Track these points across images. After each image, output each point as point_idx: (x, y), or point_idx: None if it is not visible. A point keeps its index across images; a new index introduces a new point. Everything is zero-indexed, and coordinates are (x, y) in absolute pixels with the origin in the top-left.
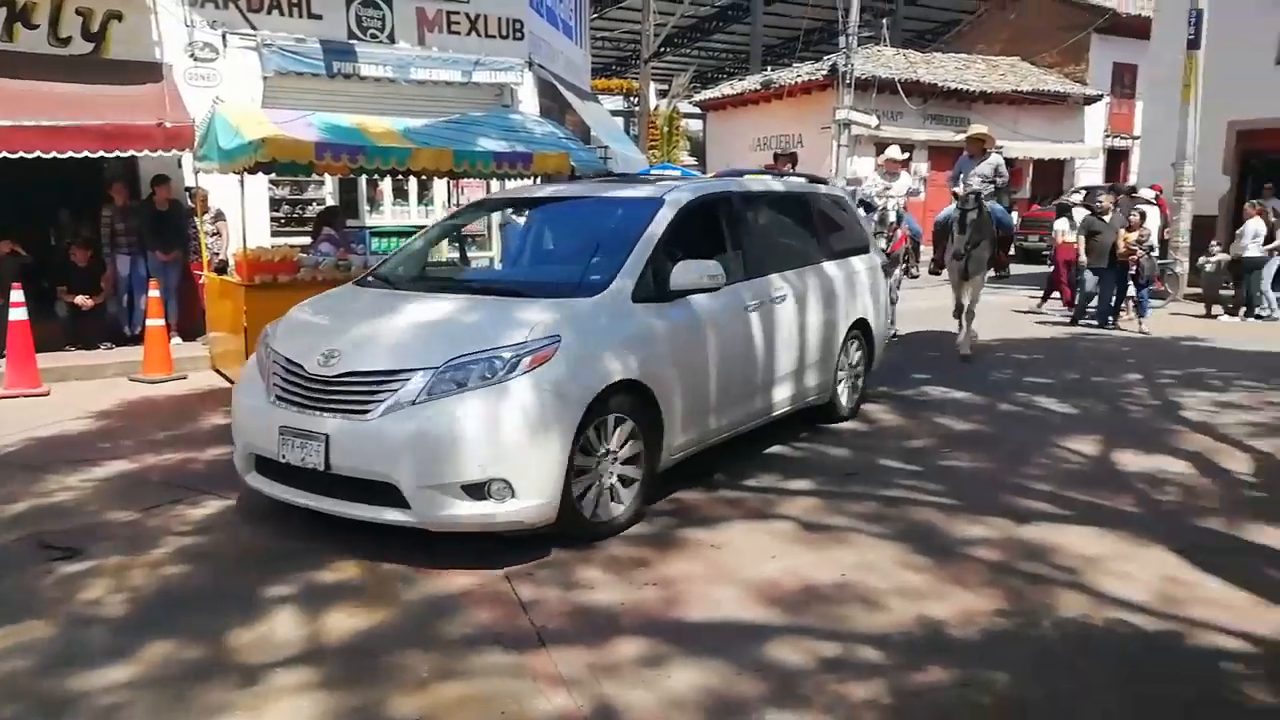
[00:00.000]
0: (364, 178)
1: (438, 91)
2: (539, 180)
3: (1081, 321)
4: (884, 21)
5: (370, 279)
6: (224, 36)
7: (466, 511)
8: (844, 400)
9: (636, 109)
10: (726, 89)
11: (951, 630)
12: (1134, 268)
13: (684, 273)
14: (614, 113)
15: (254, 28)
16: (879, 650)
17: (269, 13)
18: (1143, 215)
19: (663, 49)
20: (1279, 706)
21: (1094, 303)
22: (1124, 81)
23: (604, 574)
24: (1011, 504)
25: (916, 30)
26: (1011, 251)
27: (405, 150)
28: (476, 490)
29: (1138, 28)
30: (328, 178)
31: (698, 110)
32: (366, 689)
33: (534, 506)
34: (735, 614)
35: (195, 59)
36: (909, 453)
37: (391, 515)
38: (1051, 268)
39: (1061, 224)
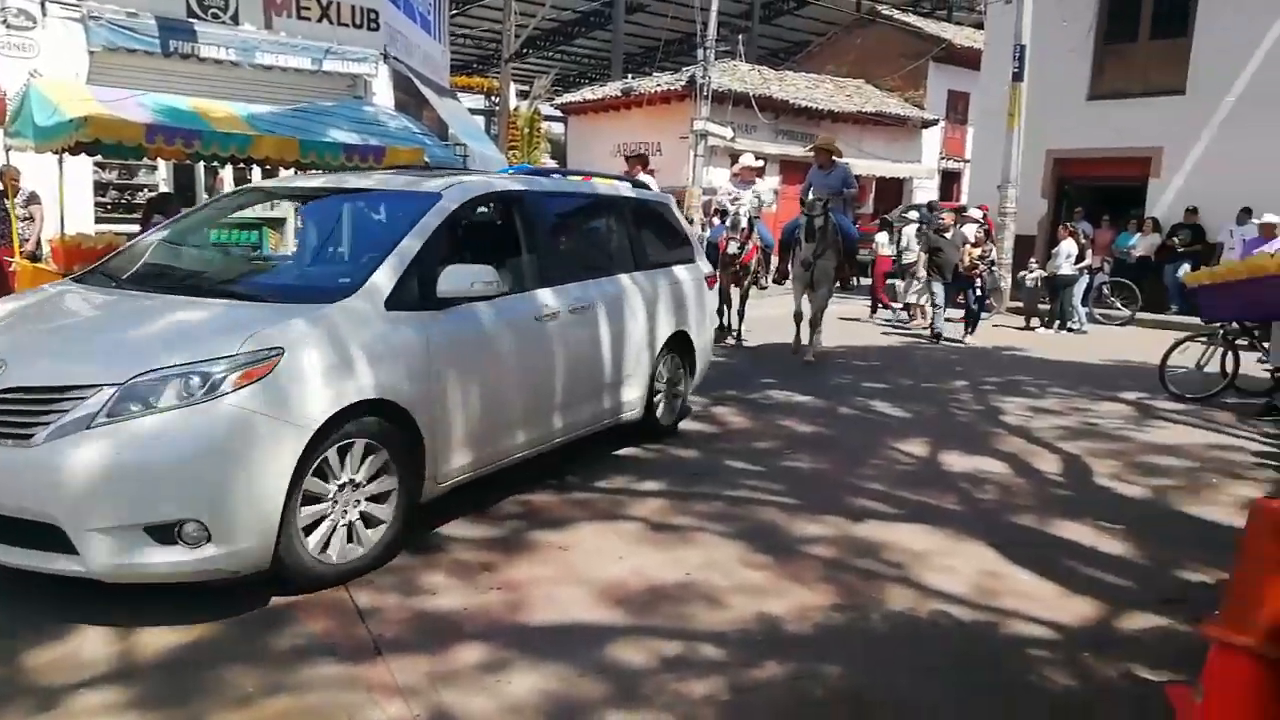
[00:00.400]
0: (202, 165)
1: (285, 78)
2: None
3: (944, 336)
4: (740, 38)
5: (93, 274)
6: (43, 4)
7: (151, 559)
8: (662, 415)
9: (497, 108)
10: (588, 94)
11: (788, 626)
12: (978, 281)
13: (453, 278)
14: (474, 111)
15: None
16: (719, 648)
17: None
18: (964, 236)
19: (525, 50)
20: (1078, 690)
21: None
22: (957, 108)
23: (448, 579)
24: (847, 503)
25: (770, 48)
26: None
27: (246, 137)
28: (163, 533)
29: (970, 58)
30: (161, 163)
31: (559, 113)
32: (183, 708)
33: (238, 552)
34: (580, 616)
35: (8, 27)
36: (754, 454)
37: (61, 564)
38: (870, 280)
39: (881, 237)
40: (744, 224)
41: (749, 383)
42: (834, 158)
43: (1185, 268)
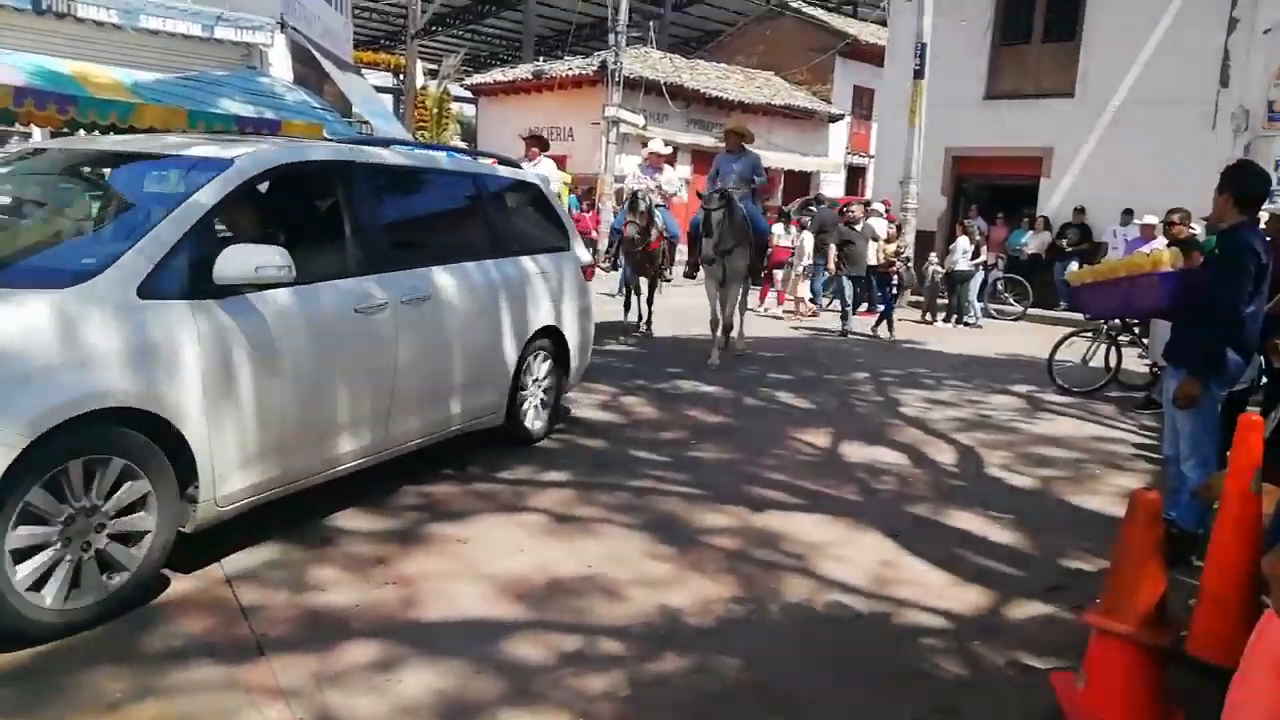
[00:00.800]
0: (81, 133)
1: (174, 44)
2: None
3: (849, 330)
4: (652, 24)
5: None
6: None
7: None
8: (530, 421)
9: (405, 87)
10: (499, 75)
11: (689, 618)
12: (895, 277)
13: (232, 261)
14: (381, 89)
15: None
16: (619, 641)
17: None
18: (873, 230)
19: (434, 28)
20: (966, 676)
21: (854, 308)
22: (863, 103)
23: (339, 573)
24: (750, 493)
25: (682, 36)
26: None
27: (129, 105)
28: None
29: (876, 54)
30: (36, 131)
31: (470, 95)
32: (39, 716)
33: None
34: (477, 611)
35: None
36: (660, 444)
37: None
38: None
39: (778, 228)
40: (642, 207)
41: (657, 372)
42: (744, 144)
43: (1073, 266)
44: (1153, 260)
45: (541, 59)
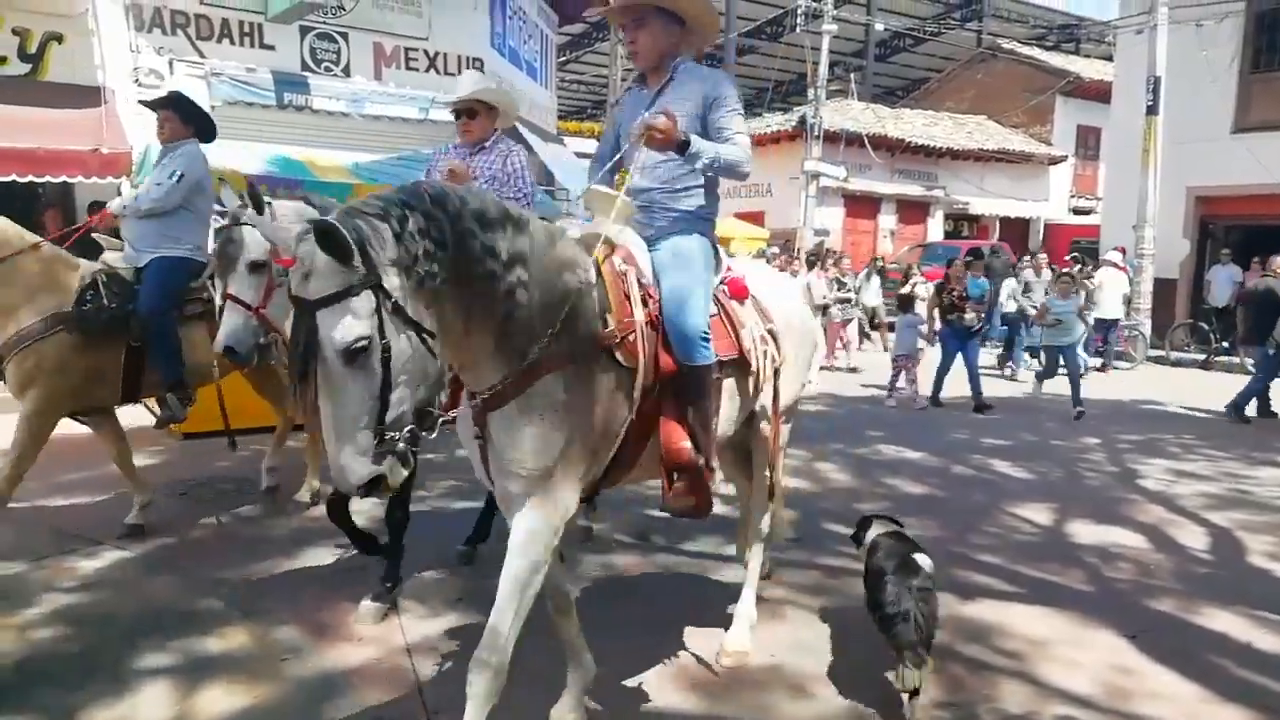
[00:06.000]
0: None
1: (394, 128)
2: None
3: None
4: (853, 76)
5: None
6: (170, 63)
7: None
8: None
9: None
10: None
11: None
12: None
13: None
14: (587, 155)
15: (203, 56)
16: None
17: (219, 41)
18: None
19: None
20: None
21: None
22: (1088, 144)
23: None
24: (957, 577)
25: (887, 86)
26: None
27: (347, 186)
28: None
29: (1101, 91)
30: None
31: None
32: None
33: None
34: (655, 701)
35: (140, 85)
36: (855, 518)
37: None
38: None
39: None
40: None
41: (857, 436)
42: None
43: None
44: None
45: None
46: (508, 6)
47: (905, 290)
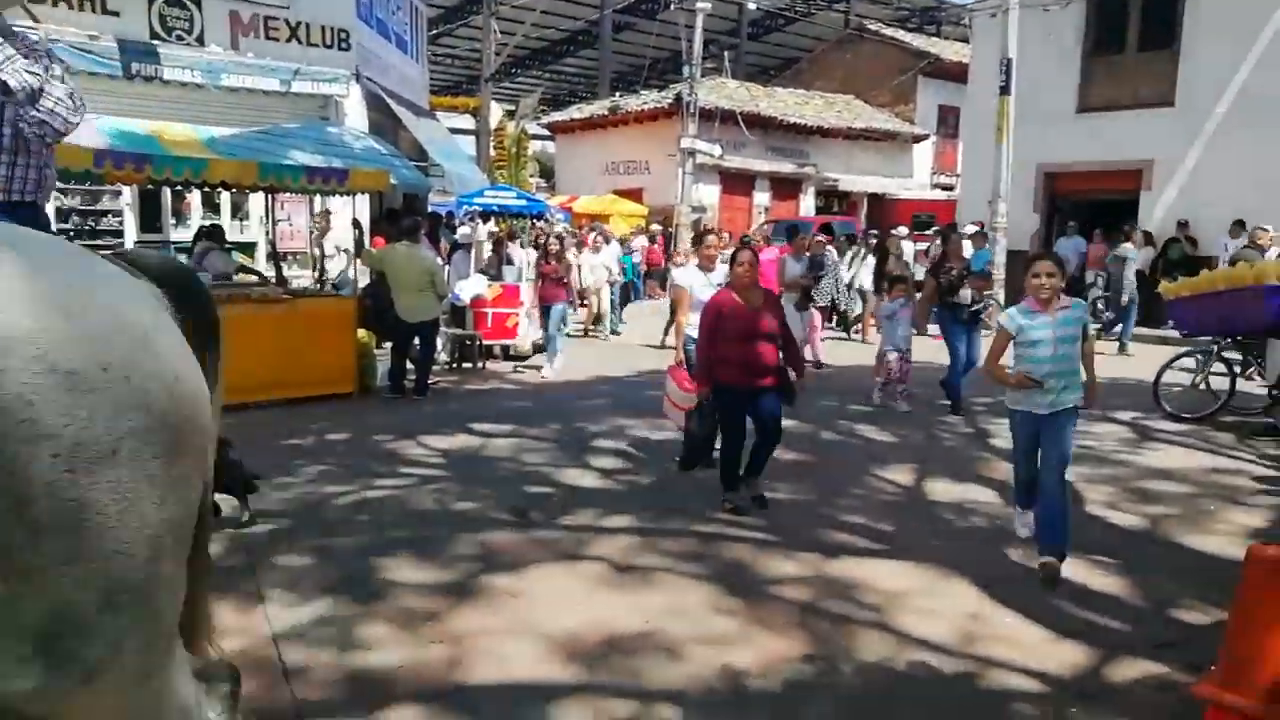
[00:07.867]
0: (168, 190)
1: (253, 100)
2: (355, 198)
3: None
4: (727, 55)
5: None
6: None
7: None
8: None
9: (479, 129)
10: (575, 112)
11: (753, 680)
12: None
13: None
14: (462, 131)
15: (35, 20)
16: (675, 707)
17: (55, 5)
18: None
19: (514, 70)
20: None
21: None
22: (949, 123)
23: (387, 630)
24: (825, 538)
25: (759, 65)
26: None
27: (201, 161)
28: None
29: (960, 72)
30: (125, 188)
31: (548, 133)
32: None
33: None
34: (526, 674)
35: None
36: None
37: None
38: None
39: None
40: None
41: None
42: None
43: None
44: (1256, 273)
45: (618, 94)
46: None
47: (895, 270)
